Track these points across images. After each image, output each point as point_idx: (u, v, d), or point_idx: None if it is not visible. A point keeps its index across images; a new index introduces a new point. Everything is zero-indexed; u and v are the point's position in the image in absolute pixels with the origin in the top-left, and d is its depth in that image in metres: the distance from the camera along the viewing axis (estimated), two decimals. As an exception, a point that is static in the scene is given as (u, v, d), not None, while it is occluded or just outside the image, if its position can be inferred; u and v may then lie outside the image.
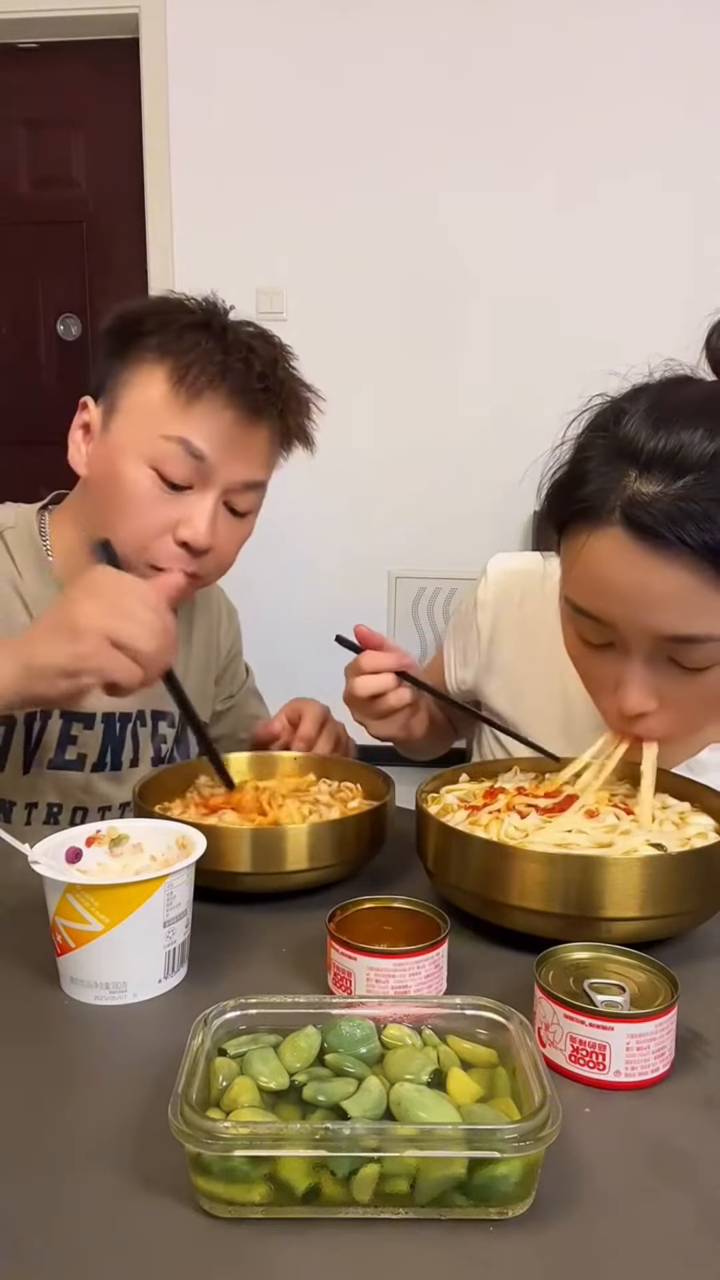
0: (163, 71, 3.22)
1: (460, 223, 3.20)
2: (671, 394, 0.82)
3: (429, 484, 3.35)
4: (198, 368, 0.96)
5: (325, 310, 3.28)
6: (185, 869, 0.72)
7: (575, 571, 0.83)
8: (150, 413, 0.97)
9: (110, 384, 1.01)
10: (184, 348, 0.97)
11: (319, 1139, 0.49)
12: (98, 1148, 0.55)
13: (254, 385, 0.97)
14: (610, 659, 0.84)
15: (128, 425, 0.99)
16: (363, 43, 3.14)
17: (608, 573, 0.79)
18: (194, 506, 0.98)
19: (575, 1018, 0.61)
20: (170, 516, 0.98)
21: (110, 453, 0.99)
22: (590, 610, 0.82)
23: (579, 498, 0.80)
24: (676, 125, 3.07)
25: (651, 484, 0.76)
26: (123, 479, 0.97)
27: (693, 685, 0.83)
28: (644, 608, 0.79)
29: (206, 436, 0.97)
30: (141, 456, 0.97)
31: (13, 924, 0.83)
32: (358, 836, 0.88)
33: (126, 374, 0.99)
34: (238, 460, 0.99)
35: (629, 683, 0.83)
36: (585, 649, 0.87)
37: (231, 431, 0.98)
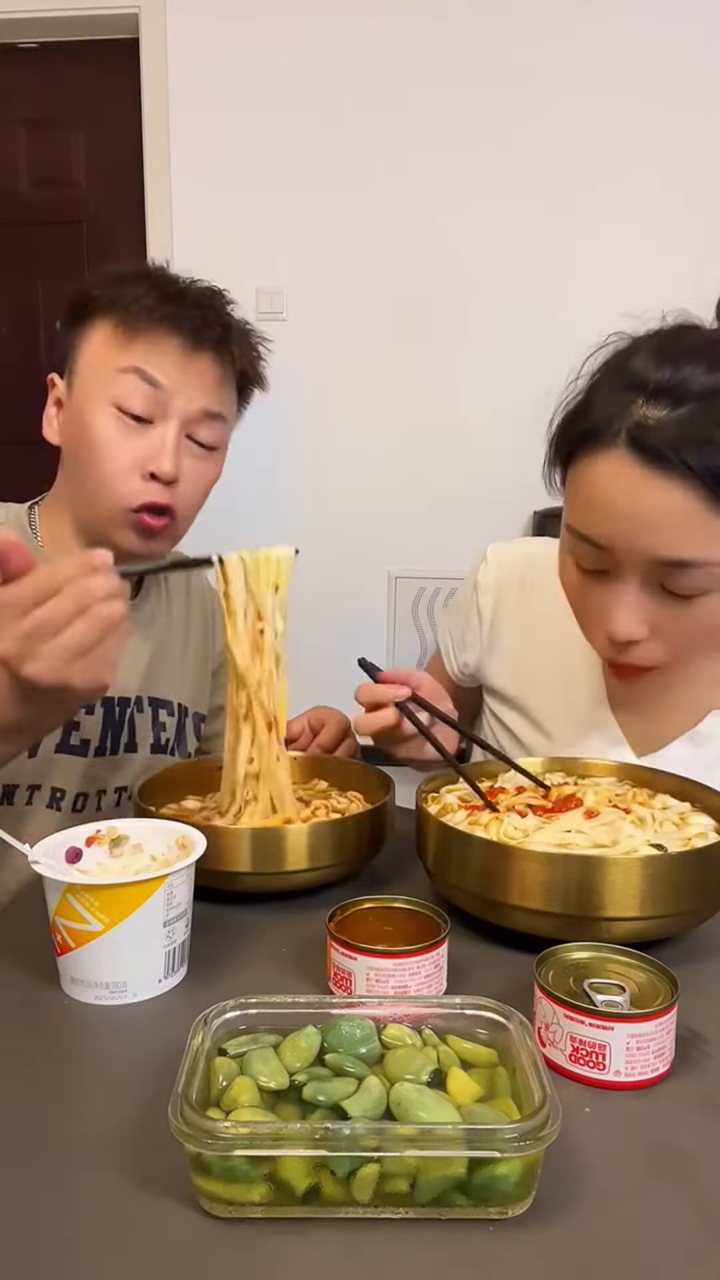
0: (163, 71, 3.22)
1: (460, 223, 3.20)
2: (678, 335, 0.87)
3: (429, 484, 3.35)
4: (137, 305, 1.03)
5: (325, 310, 3.28)
6: (185, 869, 0.72)
7: (579, 497, 0.86)
8: (102, 357, 1.04)
9: (69, 353, 1.08)
10: (125, 294, 1.04)
11: (319, 1139, 0.49)
12: (98, 1148, 0.55)
13: (191, 313, 1.04)
14: (604, 587, 0.87)
15: (86, 377, 1.05)
16: (362, 42, 3.14)
17: (610, 494, 0.83)
18: (157, 437, 1.03)
19: (575, 1017, 0.61)
20: (138, 452, 1.03)
21: (76, 410, 1.05)
22: (589, 534, 0.85)
23: (587, 425, 0.84)
24: (677, 124, 3.07)
25: (657, 410, 0.80)
26: (89, 425, 1.03)
27: (683, 614, 0.85)
28: (641, 529, 0.82)
29: (157, 363, 1.02)
30: (102, 398, 1.03)
31: (13, 924, 0.83)
32: (358, 836, 0.88)
33: (79, 338, 1.06)
34: (192, 388, 1.04)
35: (620, 606, 0.86)
36: (581, 579, 0.89)
37: (179, 360, 1.03)
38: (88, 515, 1.08)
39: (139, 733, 1.14)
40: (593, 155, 3.11)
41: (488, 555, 1.16)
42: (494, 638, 1.13)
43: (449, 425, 3.30)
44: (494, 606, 1.13)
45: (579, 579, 0.90)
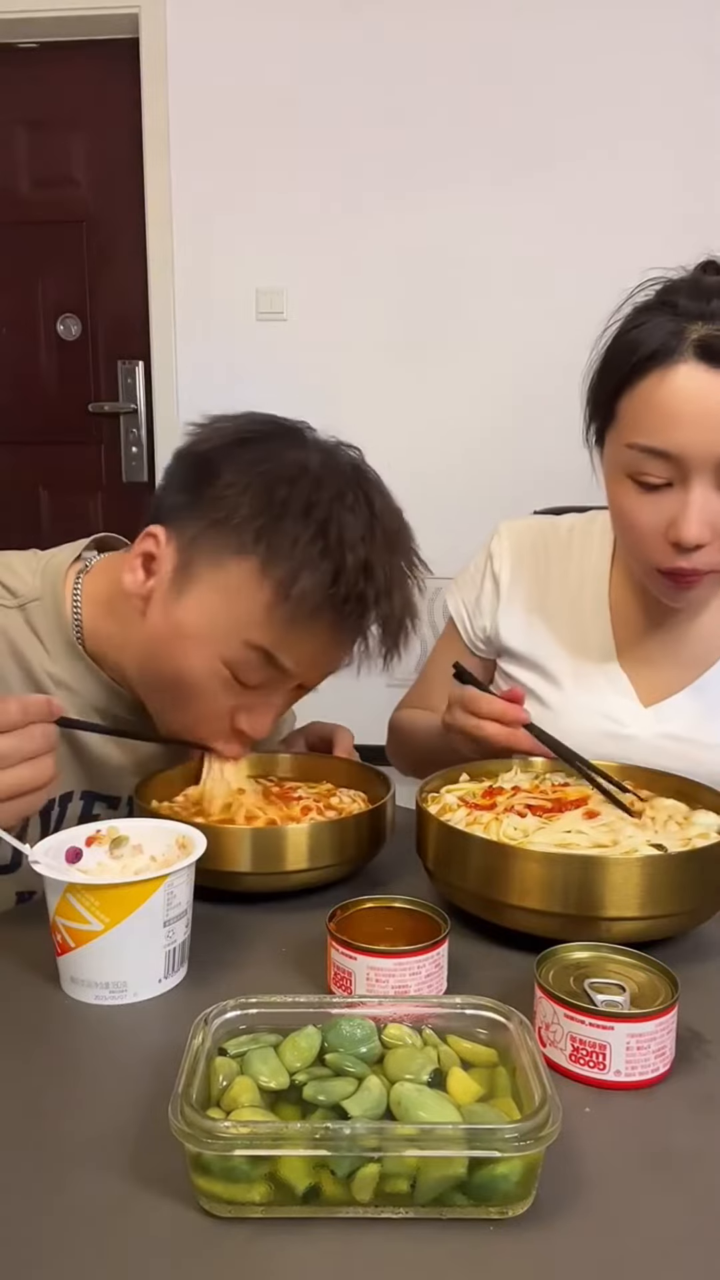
0: (163, 71, 3.22)
1: (460, 223, 3.19)
2: (704, 269, 0.97)
3: (429, 485, 3.34)
4: (307, 592, 0.82)
5: (325, 310, 3.28)
6: (185, 869, 0.72)
7: (645, 412, 0.92)
8: (237, 611, 0.85)
9: (185, 533, 0.87)
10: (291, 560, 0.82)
11: (319, 1138, 0.49)
12: (98, 1148, 0.55)
13: (363, 620, 0.87)
14: (668, 500, 0.93)
15: (208, 611, 0.86)
16: (362, 42, 3.13)
17: (681, 402, 0.89)
18: (260, 700, 0.90)
19: (575, 1017, 0.61)
20: (231, 704, 0.89)
21: (179, 628, 0.87)
22: (660, 445, 0.91)
23: (644, 352, 0.91)
24: (680, 126, 3.06)
25: (716, 325, 0.89)
26: (187, 666, 0.86)
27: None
28: (715, 430, 0.89)
29: (298, 658, 0.87)
30: (218, 654, 0.86)
31: (13, 924, 0.83)
32: (358, 836, 0.88)
33: (209, 542, 0.86)
34: (322, 671, 0.91)
35: (689, 511, 0.91)
36: (638, 498, 0.94)
37: (327, 652, 0.89)
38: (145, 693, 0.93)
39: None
40: (594, 156, 3.11)
41: (500, 528, 1.23)
42: (509, 599, 1.18)
43: (449, 425, 3.30)
44: (509, 571, 1.19)
45: (637, 499, 0.95)
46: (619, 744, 1.05)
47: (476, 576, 1.22)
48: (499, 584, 1.19)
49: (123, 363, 3.47)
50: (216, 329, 3.30)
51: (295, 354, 3.26)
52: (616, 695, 1.09)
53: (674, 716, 1.06)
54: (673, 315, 0.91)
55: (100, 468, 3.55)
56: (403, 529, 0.91)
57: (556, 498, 2.43)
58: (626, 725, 1.07)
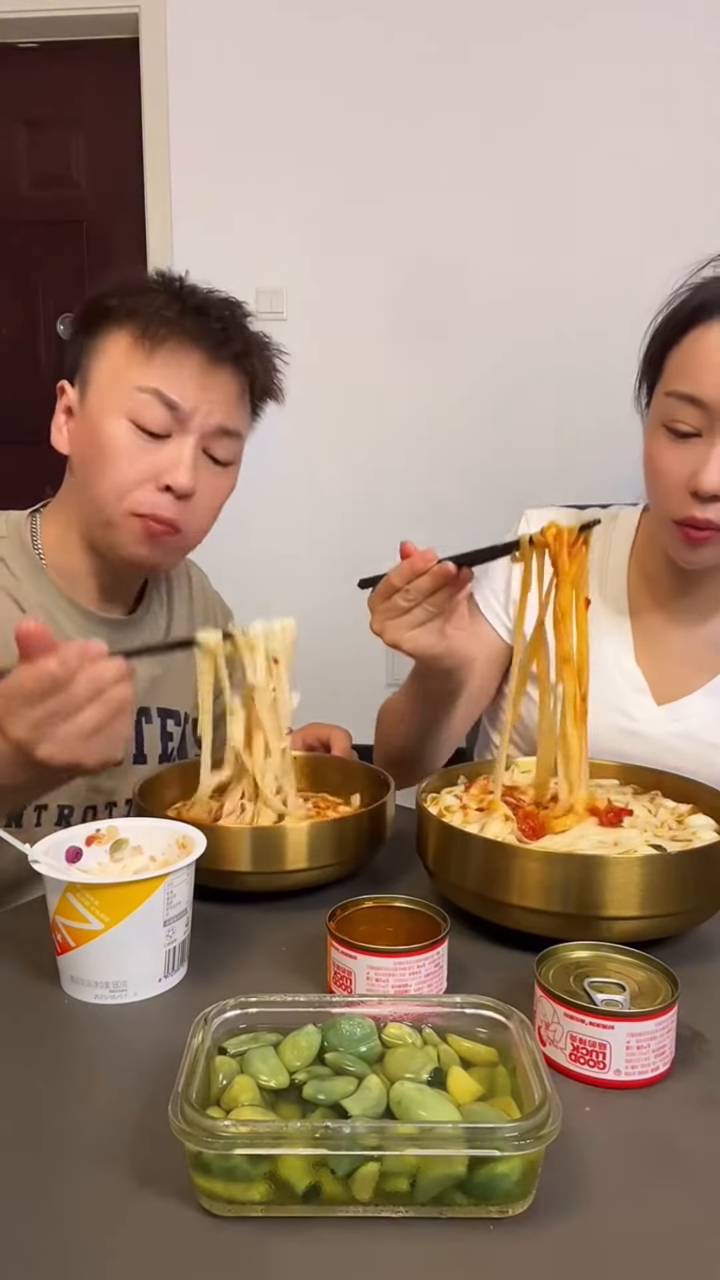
0: (163, 71, 3.22)
1: (461, 223, 3.19)
2: None
3: (429, 483, 3.34)
4: (157, 319, 1.00)
5: (325, 310, 3.28)
6: (185, 868, 0.72)
7: (687, 360, 0.95)
8: (119, 370, 1.01)
9: (83, 362, 1.04)
10: (143, 305, 1.01)
11: (319, 1137, 0.49)
12: (98, 1147, 0.55)
13: (213, 327, 1.01)
14: (696, 449, 0.95)
15: (102, 389, 1.02)
16: (362, 42, 3.13)
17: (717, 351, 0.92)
18: (174, 452, 1.01)
19: (575, 1016, 0.61)
20: (152, 465, 1.00)
21: (90, 421, 1.02)
22: (697, 393, 0.93)
23: (697, 301, 0.95)
24: (679, 123, 3.07)
25: None
26: (102, 435, 1.00)
27: None
28: None
29: (175, 382, 1.00)
30: (118, 411, 1.00)
31: (13, 923, 0.83)
32: (358, 836, 0.88)
33: (94, 347, 1.03)
34: (210, 404, 1.02)
35: (713, 458, 0.93)
36: (668, 445, 0.97)
37: (199, 376, 1.01)
38: (94, 521, 1.05)
39: (147, 744, 1.13)
40: (595, 157, 3.11)
41: (527, 514, 1.24)
42: None
43: (449, 424, 3.30)
44: None
45: (668, 446, 0.97)
46: (631, 740, 1.05)
47: (498, 568, 1.20)
48: None
49: (123, 363, 3.47)
50: (216, 329, 3.30)
51: (295, 354, 3.26)
52: (632, 691, 1.09)
53: (687, 716, 1.06)
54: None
55: (100, 467, 3.55)
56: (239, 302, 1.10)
57: (555, 496, 2.43)
58: (639, 721, 1.07)
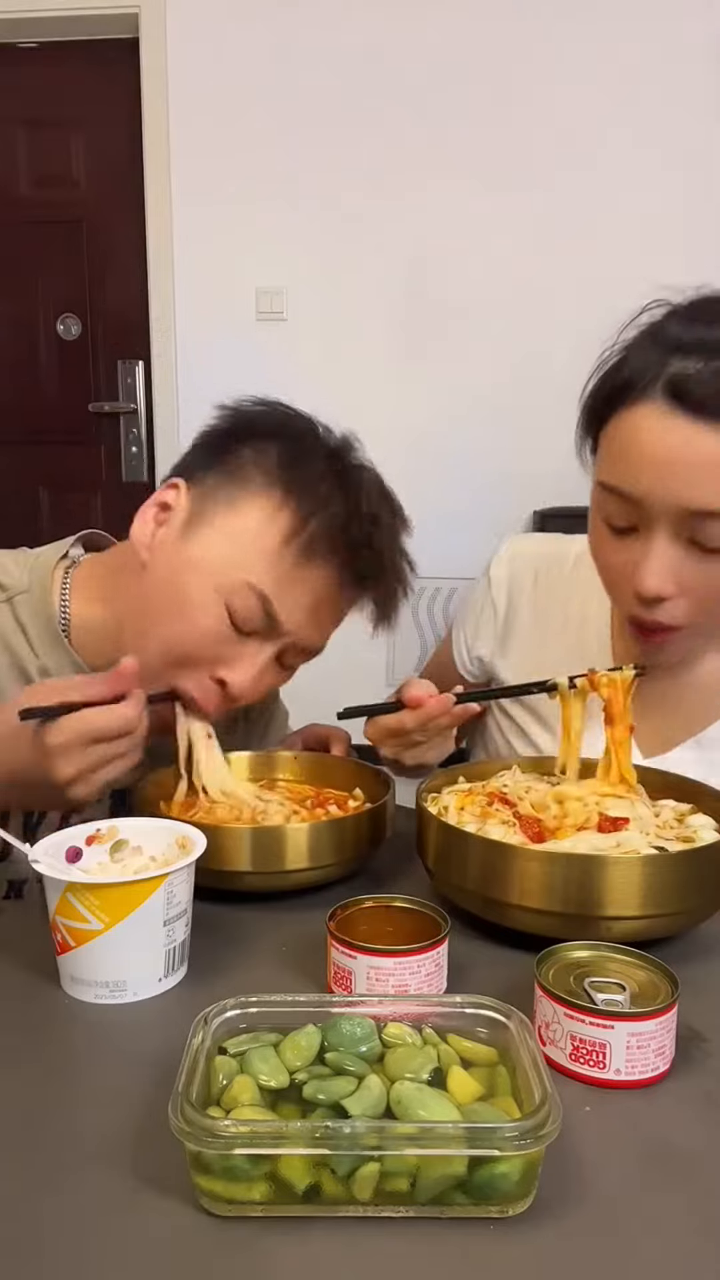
0: (163, 71, 3.22)
1: (460, 224, 3.19)
2: (710, 300, 0.89)
3: (428, 484, 3.34)
4: (320, 531, 0.87)
5: (325, 310, 3.28)
6: (185, 868, 0.72)
7: (613, 449, 0.87)
8: (245, 549, 0.88)
9: (207, 483, 0.92)
10: (310, 499, 0.88)
11: (319, 1137, 0.49)
12: (98, 1147, 0.55)
13: (367, 570, 0.89)
14: (632, 544, 0.87)
15: (216, 547, 0.89)
16: (362, 42, 3.13)
17: (646, 442, 0.83)
18: (244, 654, 0.90)
19: (575, 1016, 0.61)
20: (217, 652, 0.90)
21: (185, 563, 0.90)
22: (623, 487, 0.85)
23: (620, 380, 0.86)
24: (679, 132, 3.07)
25: (693, 363, 0.82)
26: (192, 601, 0.88)
27: (712, 570, 0.85)
28: (676, 477, 0.82)
29: (294, 604, 0.89)
30: (219, 589, 0.88)
31: (13, 923, 0.83)
32: (357, 836, 0.88)
33: (232, 487, 0.90)
34: (311, 628, 0.92)
35: (650, 559, 0.85)
36: (608, 539, 0.90)
37: (323, 605, 0.91)
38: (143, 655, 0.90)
39: None
40: (595, 158, 3.11)
41: (502, 550, 1.16)
42: (507, 632, 1.13)
43: (449, 425, 3.30)
44: (508, 601, 1.13)
45: (608, 540, 0.90)
46: None
47: (479, 601, 1.16)
48: (497, 614, 1.13)
49: (123, 363, 3.47)
50: (216, 329, 3.30)
51: (295, 354, 3.26)
52: None
53: (675, 769, 0.96)
54: (657, 344, 0.85)
55: (100, 467, 3.55)
56: (395, 496, 0.97)
57: (555, 498, 2.44)
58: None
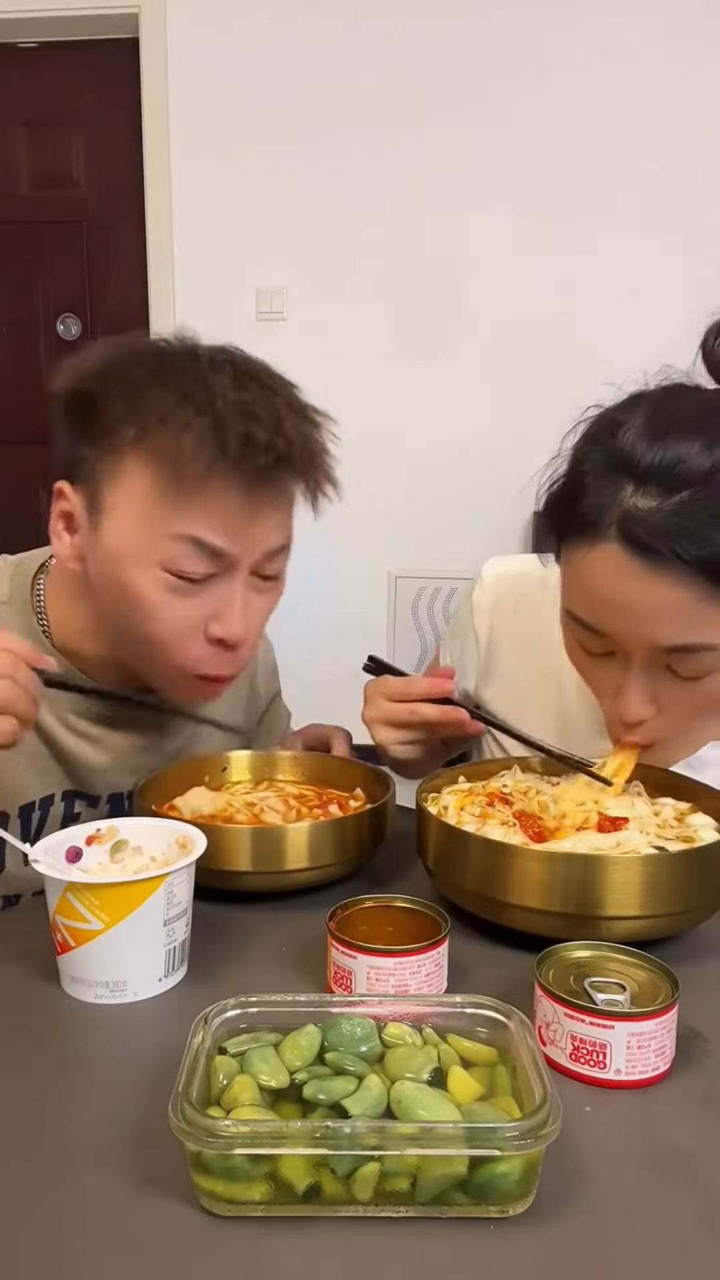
0: (163, 71, 3.22)
1: (460, 224, 3.20)
2: (668, 405, 0.82)
3: (429, 483, 3.35)
4: (191, 456, 0.81)
5: (325, 310, 3.28)
6: (185, 868, 0.72)
7: (574, 584, 0.85)
8: (144, 511, 0.84)
9: (85, 472, 0.88)
10: (167, 432, 0.82)
11: (319, 1137, 0.49)
12: (98, 1147, 0.55)
13: (261, 460, 0.83)
14: (611, 667, 0.85)
15: (122, 527, 0.86)
16: (363, 42, 3.14)
17: (605, 586, 0.80)
18: (221, 598, 0.87)
19: (576, 1016, 0.61)
20: (195, 614, 0.86)
21: (109, 557, 0.87)
22: (590, 622, 0.84)
23: (577, 513, 0.81)
24: (677, 133, 3.07)
25: (648, 499, 0.77)
26: (132, 588, 0.85)
27: (690, 692, 0.84)
28: (641, 621, 0.80)
29: (219, 527, 0.84)
30: (148, 561, 0.85)
31: (13, 923, 0.83)
32: (358, 836, 0.88)
33: (103, 465, 0.86)
34: (257, 538, 0.87)
35: (628, 692, 0.84)
36: (586, 658, 0.88)
37: (246, 511, 0.85)
38: (131, 655, 0.92)
39: None
40: (592, 159, 3.11)
41: (483, 575, 1.14)
42: (490, 661, 1.11)
43: (449, 425, 3.30)
44: (489, 629, 1.11)
45: (585, 660, 0.88)
46: None
47: (462, 630, 1.14)
48: (479, 643, 1.11)
49: (123, 362, 3.47)
50: (216, 329, 3.29)
51: (295, 354, 3.26)
52: None
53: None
54: (613, 467, 0.79)
55: (100, 467, 3.55)
56: (279, 377, 0.90)
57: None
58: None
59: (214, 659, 0.88)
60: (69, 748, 0.96)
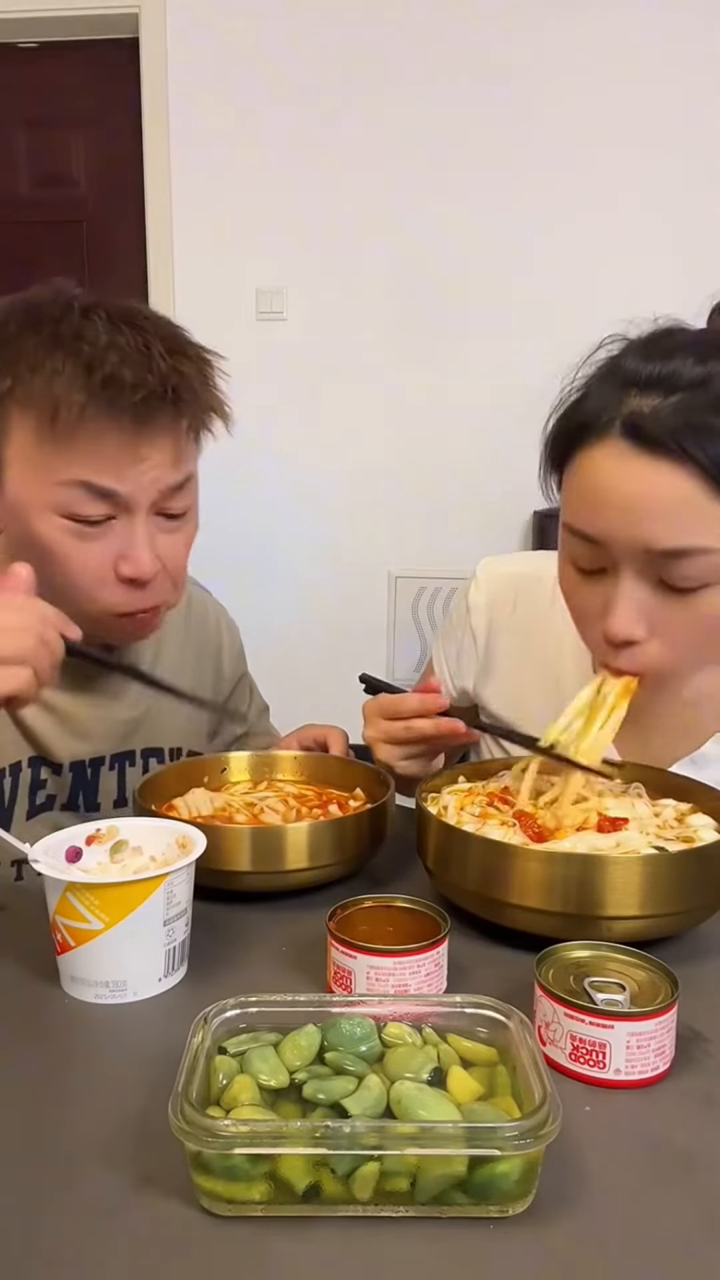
0: (163, 71, 3.22)
1: (459, 224, 3.20)
2: (667, 334, 0.86)
3: (429, 483, 3.35)
4: (63, 401, 0.83)
5: (325, 310, 3.28)
6: (185, 868, 0.72)
7: (574, 491, 0.85)
8: (32, 460, 0.87)
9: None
10: (39, 380, 0.84)
11: (319, 1137, 0.49)
12: (98, 1147, 0.55)
13: (131, 398, 0.84)
14: (601, 586, 0.85)
15: (18, 479, 0.88)
16: (362, 43, 3.14)
17: (605, 483, 0.81)
18: (124, 538, 0.89)
19: (575, 1016, 0.61)
20: (103, 556, 0.89)
21: (13, 512, 0.89)
22: (585, 529, 0.83)
23: (580, 416, 0.84)
24: (676, 125, 3.07)
25: (650, 399, 0.80)
26: (39, 538, 0.88)
27: (682, 610, 0.83)
28: (638, 518, 0.80)
29: (104, 469, 0.86)
30: (44, 506, 0.87)
31: (13, 923, 0.83)
32: (358, 836, 0.88)
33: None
34: (149, 472, 0.88)
35: (618, 602, 0.83)
36: (577, 580, 0.88)
37: (129, 448, 0.86)
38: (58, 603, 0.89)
39: (130, 788, 1.06)
40: (592, 158, 3.11)
41: (478, 574, 1.14)
42: (488, 660, 1.11)
43: (448, 425, 3.30)
44: (487, 628, 1.11)
45: (576, 581, 0.88)
46: None
47: (458, 630, 1.14)
48: (476, 643, 1.11)
49: (123, 362, 3.47)
50: (216, 329, 3.29)
51: (295, 354, 3.26)
52: None
53: None
54: (613, 381, 0.83)
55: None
56: (158, 319, 0.91)
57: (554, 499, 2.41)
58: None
59: (130, 598, 0.91)
60: (29, 715, 0.97)
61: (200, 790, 0.97)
